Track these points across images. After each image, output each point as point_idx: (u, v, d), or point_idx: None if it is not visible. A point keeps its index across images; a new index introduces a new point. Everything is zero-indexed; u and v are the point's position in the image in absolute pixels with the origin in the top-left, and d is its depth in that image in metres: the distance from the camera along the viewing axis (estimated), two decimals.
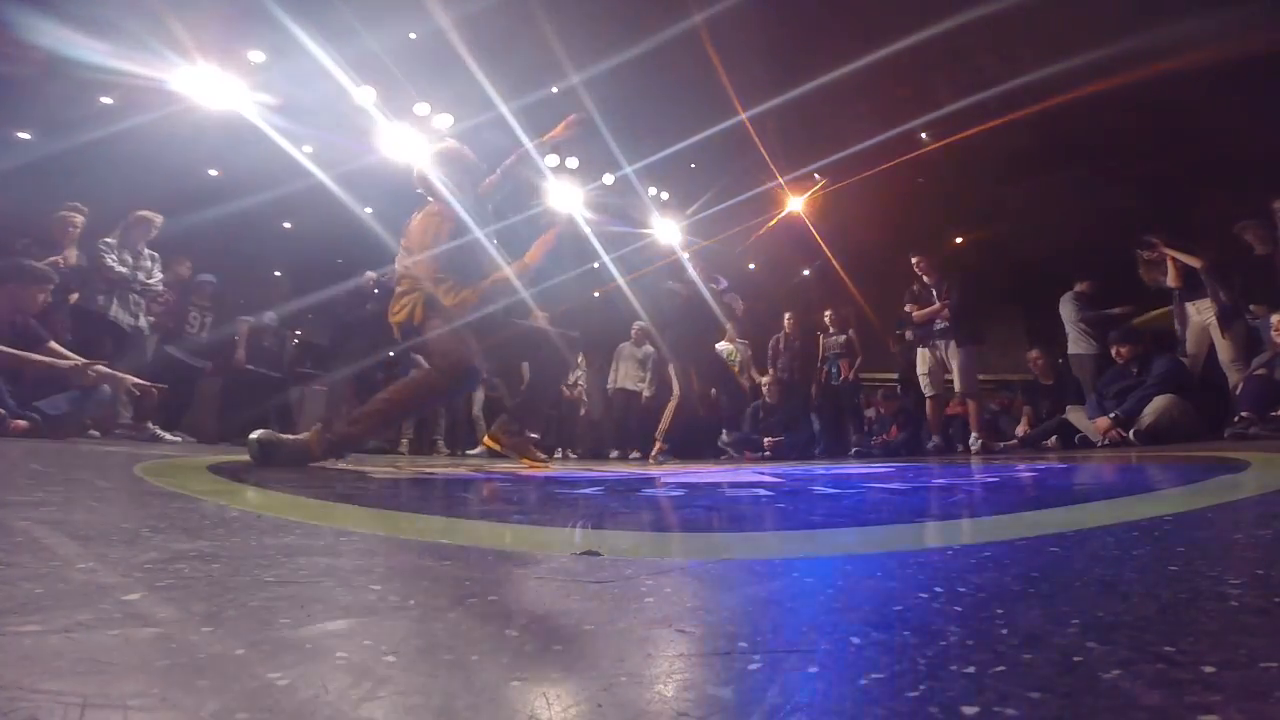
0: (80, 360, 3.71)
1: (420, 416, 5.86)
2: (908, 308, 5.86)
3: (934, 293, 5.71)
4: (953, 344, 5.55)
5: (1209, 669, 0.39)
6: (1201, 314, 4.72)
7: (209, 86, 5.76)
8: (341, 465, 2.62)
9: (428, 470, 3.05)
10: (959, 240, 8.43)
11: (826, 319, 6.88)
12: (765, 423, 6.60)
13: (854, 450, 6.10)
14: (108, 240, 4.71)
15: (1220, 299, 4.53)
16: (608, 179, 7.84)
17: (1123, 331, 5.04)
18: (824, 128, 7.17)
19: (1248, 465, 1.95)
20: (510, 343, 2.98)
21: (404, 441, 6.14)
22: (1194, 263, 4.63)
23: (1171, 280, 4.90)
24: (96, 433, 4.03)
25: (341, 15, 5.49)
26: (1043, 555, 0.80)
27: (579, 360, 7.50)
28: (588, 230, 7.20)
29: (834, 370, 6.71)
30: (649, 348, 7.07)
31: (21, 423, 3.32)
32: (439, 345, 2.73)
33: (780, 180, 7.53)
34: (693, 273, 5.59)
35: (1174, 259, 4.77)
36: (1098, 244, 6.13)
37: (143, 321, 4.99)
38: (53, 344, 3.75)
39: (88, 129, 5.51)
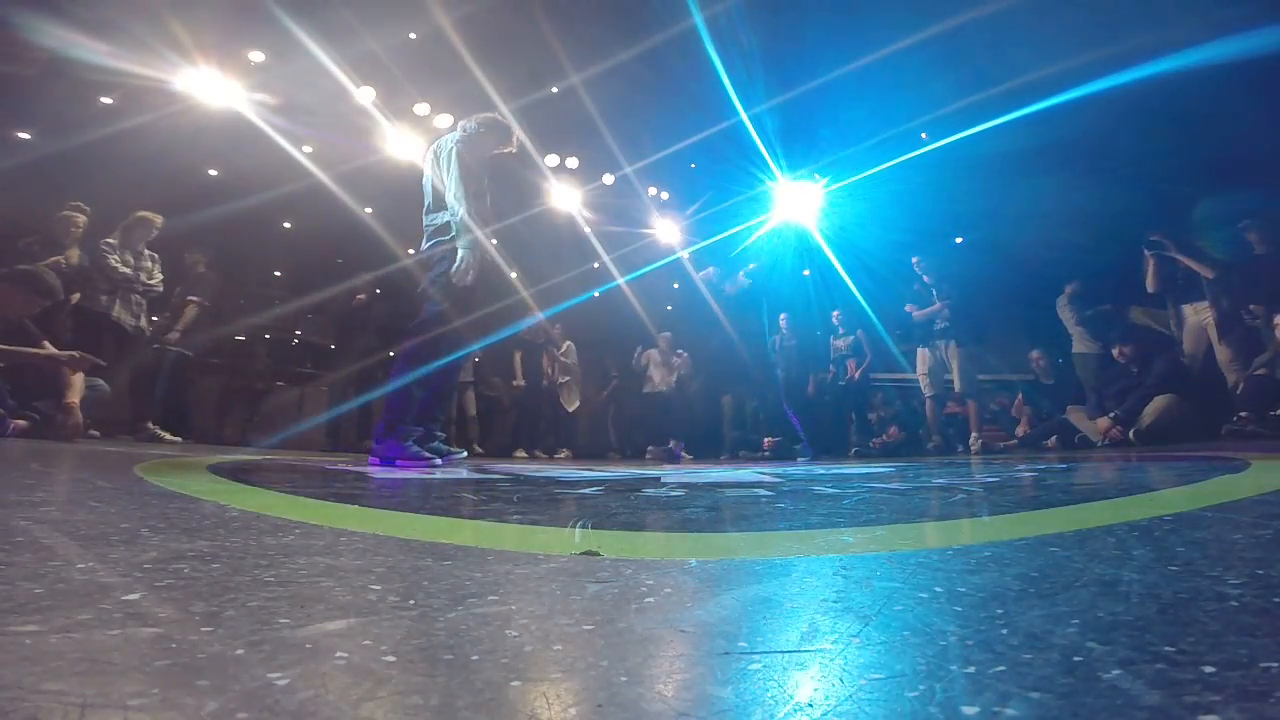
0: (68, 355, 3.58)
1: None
2: (908, 308, 5.85)
3: (934, 293, 5.70)
4: (953, 344, 5.55)
5: (1209, 669, 0.39)
6: (1199, 314, 4.72)
7: (209, 87, 5.77)
8: (342, 465, 2.63)
9: (427, 470, 3.05)
10: (959, 240, 8.43)
11: (835, 319, 6.85)
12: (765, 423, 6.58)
13: (854, 450, 6.09)
14: (109, 241, 4.71)
15: (1221, 306, 4.52)
16: (607, 179, 7.83)
17: (1123, 331, 5.04)
18: (824, 127, 7.16)
19: (1248, 465, 1.95)
20: None
21: None
22: (1205, 272, 4.62)
23: (1150, 285, 4.90)
24: (96, 433, 4.03)
25: (341, 15, 5.48)
26: (1043, 555, 0.80)
27: (565, 356, 7.43)
28: (587, 230, 7.19)
29: (841, 370, 6.70)
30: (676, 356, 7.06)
31: (21, 422, 3.32)
32: None
33: (780, 179, 7.51)
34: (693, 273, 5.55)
35: (1183, 263, 4.74)
36: (1097, 244, 6.12)
37: (144, 322, 4.99)
38: (47, 345, 3.70)
39: (89, 129, 5.51)
